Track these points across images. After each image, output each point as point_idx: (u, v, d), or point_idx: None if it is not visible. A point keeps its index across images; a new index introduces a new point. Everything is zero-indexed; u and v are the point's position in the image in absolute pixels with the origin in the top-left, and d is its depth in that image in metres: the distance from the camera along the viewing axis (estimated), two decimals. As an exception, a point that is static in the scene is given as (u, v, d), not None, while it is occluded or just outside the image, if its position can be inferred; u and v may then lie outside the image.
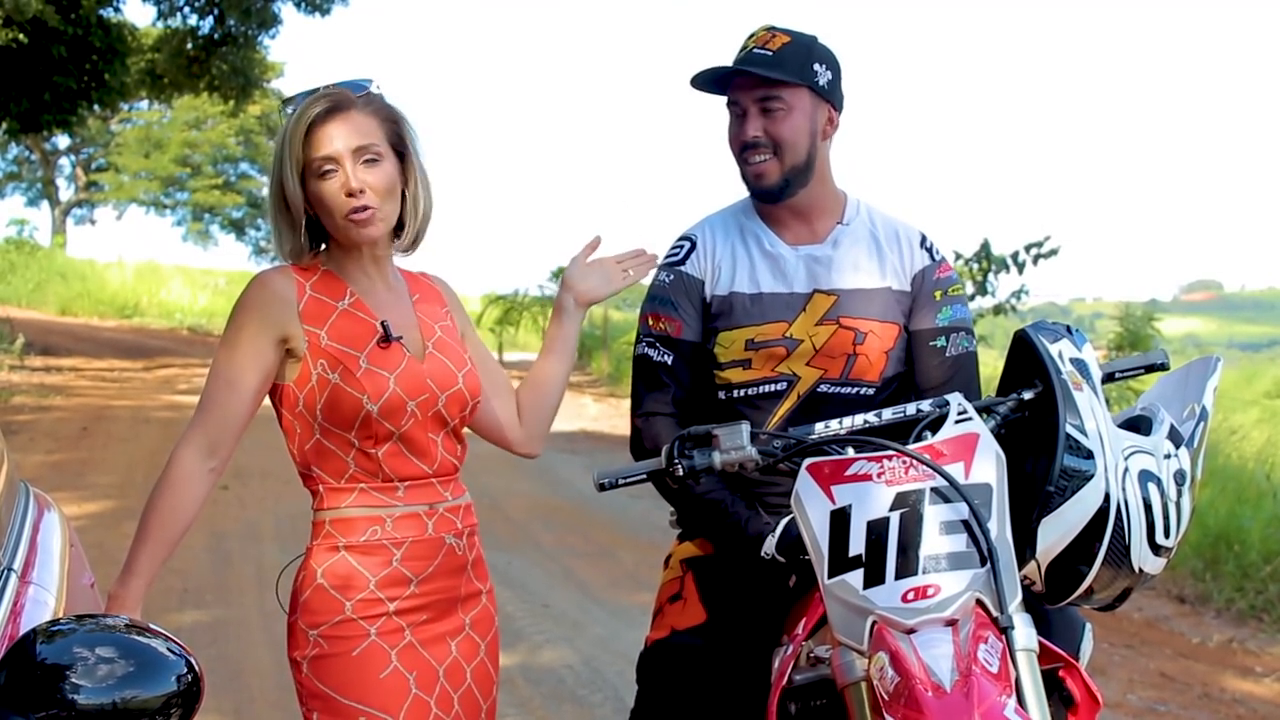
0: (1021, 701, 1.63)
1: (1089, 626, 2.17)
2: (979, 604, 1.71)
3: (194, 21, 16.58)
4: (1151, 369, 2.17)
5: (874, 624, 1.70)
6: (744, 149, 2.30)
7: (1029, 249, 9.58)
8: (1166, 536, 1.86)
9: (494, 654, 2.15)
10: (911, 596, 1.69)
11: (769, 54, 2.27)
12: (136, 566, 1.90)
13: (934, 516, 1.74)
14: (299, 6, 15.93)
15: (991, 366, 3.61)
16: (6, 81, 15.08)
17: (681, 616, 2.31)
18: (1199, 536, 6.32)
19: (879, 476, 1.78)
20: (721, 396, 2.34)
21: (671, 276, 2.39)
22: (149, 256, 32.48)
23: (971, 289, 9.62)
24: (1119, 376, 2.14)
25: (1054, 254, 9.53)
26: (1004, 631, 1.69)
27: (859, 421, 2.01)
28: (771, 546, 2.13)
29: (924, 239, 2.42)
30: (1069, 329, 2.02)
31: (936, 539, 1.72)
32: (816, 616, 1.97)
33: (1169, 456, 1.89)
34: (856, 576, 1.72)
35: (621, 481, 2.04)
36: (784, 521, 2.13)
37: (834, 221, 2.38)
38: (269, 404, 2.05)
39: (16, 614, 1.66)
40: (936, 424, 1.90)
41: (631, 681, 2.37)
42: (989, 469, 1.79)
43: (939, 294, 2.37)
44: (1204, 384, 2.02)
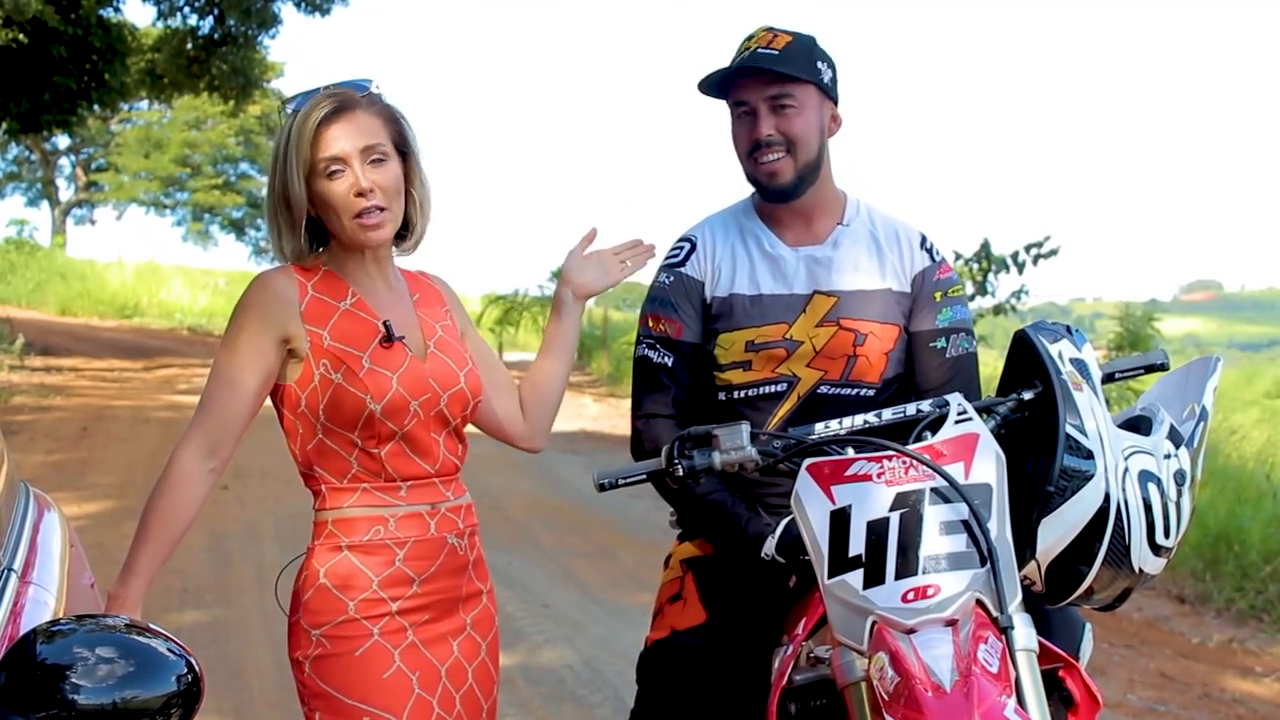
0: (1021, 701, 1.63)
1: (1089, 626, 2.16)
2: (979, 604, 1.71)
3: (194, 21, 16.59)
4: (1151, 369, 2.17)
5: (874, 624, 1.70)
6: (755, 149, 2.28)
7: (1029, 249, 9.58)
8: (1166, 536, 1.86)
9: (494, 654, 2.15)
10: (911, 596, 1.69)
11: (775, 53, 2.26)
12: (136, 567, 1.90)
13: (934, 517, 1.74)
14: (299, 6, 15.94)
15: (991, 366, 3.61)
16: (6, 81, 15.08)
17: (681, 617, 2.30)
18: (1199, 536, 6.32)
19: (879, 477, 1.78)
20: (722, 398, 2.34)
21: (671, 278, 2.39)
22: (149, 256, 32.52)
23: (971, 289, 9.62)
24: (1119, 376, 2.14)
25: (1054, 254, 9.53)
26: (1004, 631, 1.69)
27: (859, 422, 2.00)
28: (771, 548, 2.12)
29: (924, 239, 2.41)
30: (1069, 329, 2.02)
31: (936, 539, 1.72)
32: (816, 616, 1.97)
33: (1169, 456, 1.89)
34: (856, 577, 1.72)
35: (621, 482, 2.04)
36: (784, 522, 2.13)
37: (834, 222, 2.38)
38: (269, 404, 2.04)
39: (16, 614, 1.66)
40: (936, 424, 1.90)
41: (631, 681, 2.37)
42: (989, 469, 1.79)
43: (939, 295, 2.37)
44: (1204, 384, 2.02)
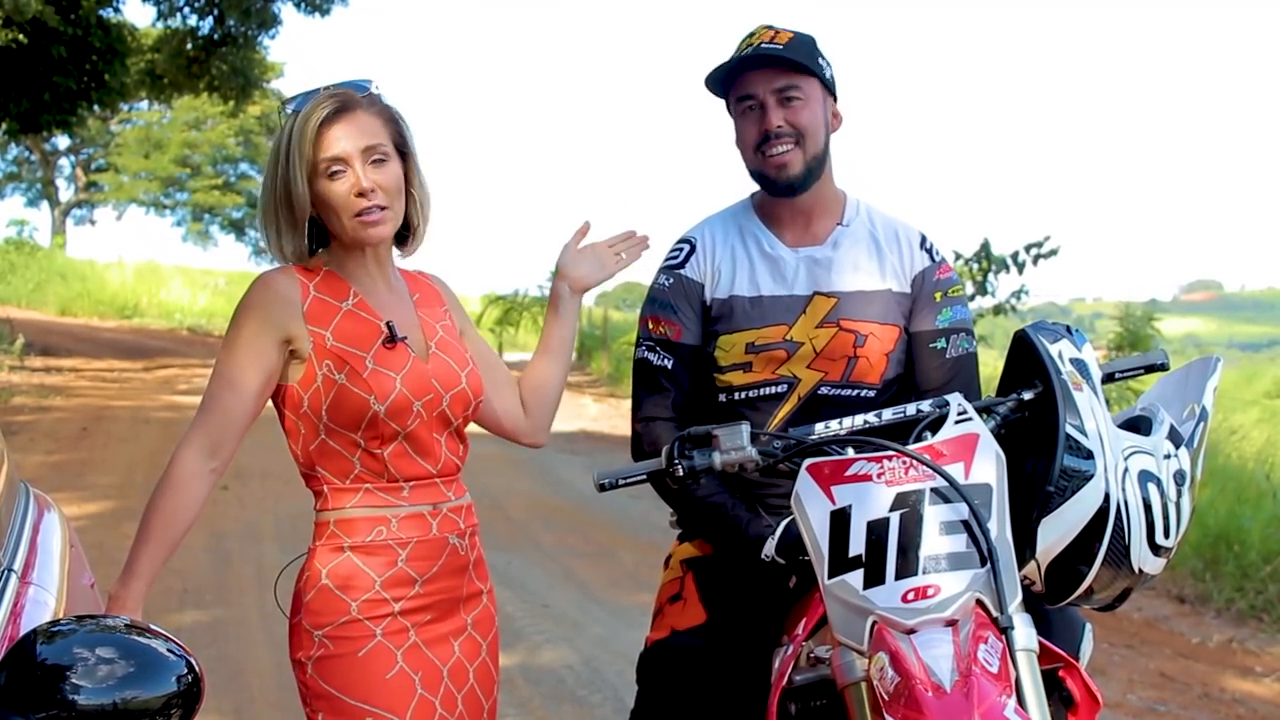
0: (1021, 702, 1.63)
1: (1089, 626, 2.16)
2: (979, 604, 1.71)
3: (194, 22, 16.59)
4: (1151, 369, 2.17)
5: (874, 624, 1.70)
6: (764, 141, 2.27)
7: (1029, 249, 9.58)
8: (1166, 537, 1.86)
9: (495, 654, 2.15)
10: (911, 597, 1.69)
11: (780, 47, 2.27)
12: (137, 567, 1.90)
13: (934, 517, 1.74)
14: (299, 6, 15.94)
15: (991, 366, 3.61)
16: (6, 81, 15.08)
17: (681, 617, 2.30)
18: (1199, 536, 6.32)
19: (879, 477, 1.78)
20: (722, 399, 2.34)
21: (671, 280, 2.39)
22: (149, 257, 32.53)
23: (971, 289, 9.62)
24: (1119, 377, 2.14)
25: (1054, 254, 9.53)
26: (1004, 631, 1.69)
27: (859, 422, 2.00)
28: (771, 549, 2.12)
29: (924, 239, 2.41)
30: (1069, 329, 2.02)
31: (936, 539, 1.72)
32: (816, 617, 1.97)
33: (1169, 457, 1.89)
34: (856, 577, 1.72)
35: (621, 482, 2.04)
36: (784, 522, 2.13)
37: (834, 222, 2.38)
38: (268, 404, 2.04)
39: (16, 614, 1.65)
40: (936, 424, 1.90)
41: (631, 681, 2.37)
42: (989, 469, 1.79)
43: (939, 295, 2.37)
44: (1204, 384, 2.02)
